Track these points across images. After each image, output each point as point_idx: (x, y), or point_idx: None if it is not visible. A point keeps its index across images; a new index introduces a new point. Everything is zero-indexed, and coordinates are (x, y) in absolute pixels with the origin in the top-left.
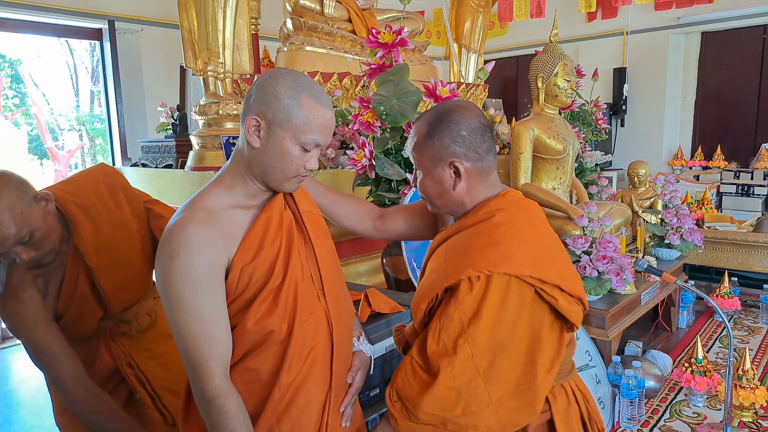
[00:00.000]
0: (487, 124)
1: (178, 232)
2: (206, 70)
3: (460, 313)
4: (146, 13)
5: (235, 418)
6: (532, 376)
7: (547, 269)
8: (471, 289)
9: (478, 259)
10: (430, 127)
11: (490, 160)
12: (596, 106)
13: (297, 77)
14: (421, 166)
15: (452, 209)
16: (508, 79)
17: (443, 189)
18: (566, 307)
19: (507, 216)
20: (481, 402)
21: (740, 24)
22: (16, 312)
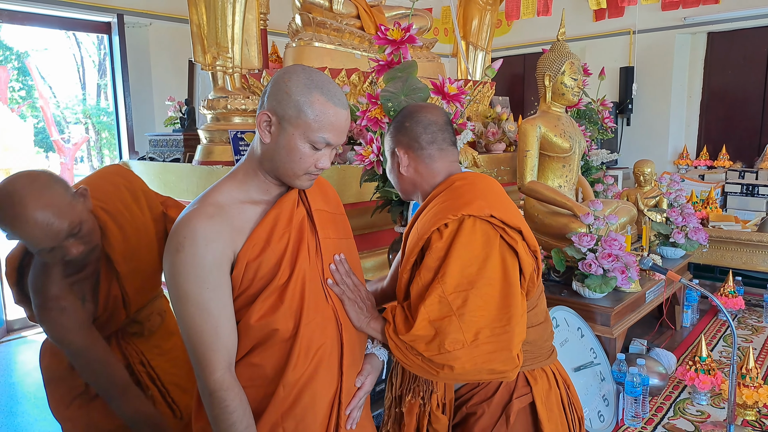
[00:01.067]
0: (434, 120)
1: (185, 226)
2: (215, 65)
3: (433, 260)
4: (155, 7)
5: (235, 413)
6: (507, 319)
7: (509, 214)
8: (441, 236)
9: (443, 211)
10: (391, 122)
11: (433, 150)
12: (603, 105)
13: (311, 74)
14: (384, 157)
15: (412, 192)
16: (515, 77)
17: (396, 174)
18: (523, 255)
19: (465, 181)
20: (456, 341)
21: (746, 24)
22: (60, 322)
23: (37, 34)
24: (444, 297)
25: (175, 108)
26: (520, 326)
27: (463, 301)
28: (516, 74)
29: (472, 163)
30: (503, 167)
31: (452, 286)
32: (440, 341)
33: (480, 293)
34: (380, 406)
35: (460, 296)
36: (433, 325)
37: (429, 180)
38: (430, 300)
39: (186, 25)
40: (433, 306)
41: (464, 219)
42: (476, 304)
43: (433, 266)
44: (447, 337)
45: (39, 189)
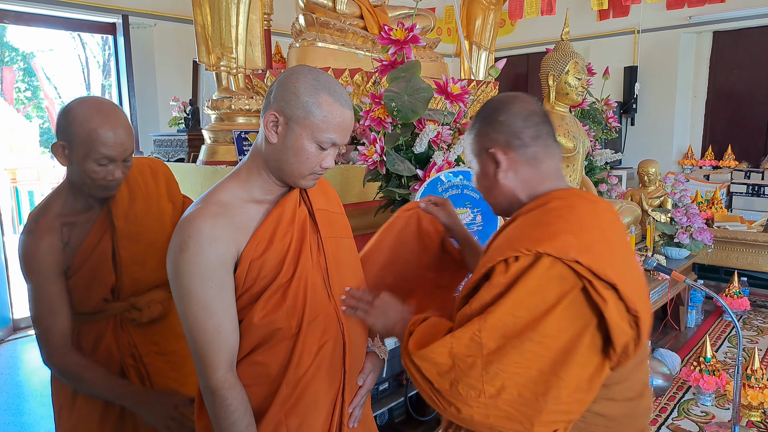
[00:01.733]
0: (534, 111)
1: (188, 225)
2: (219, 65)
3: (488, 294)
4: (160, 8)
5: (236, 412)
6: (544, 390)
7: (603, 260)
8: (506, 270)
9: (520, 239)
10: (474, 118)
11: (540, 147)
12: (607, 105)
13: (318, 75)
14: (468, 161)
15: (508, 207)
16: (519, 76)
17: (490, 183)
18: (615, 319)
19: (564, 202)
20: (472, 388)
21: (752, 24)
22: (33, 249)
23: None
24: (477, 335)
25: (179, 108)
26: (560, 405)
27: (497, 348)
28: (519, 74)
29: None
30: None
31: (492, 327)
32: (454, 378)
33: (523, 348)
34: (381, 405)
35: (496, 341)
36: (452, 358)
37: (534, 187)
38: (462, 332)
39: (190, 26)
40: (461, 339)
41: (541, 257)
42: (513, 358)
43: (485, 300)
44: (462, 380)
45: (111, 108)
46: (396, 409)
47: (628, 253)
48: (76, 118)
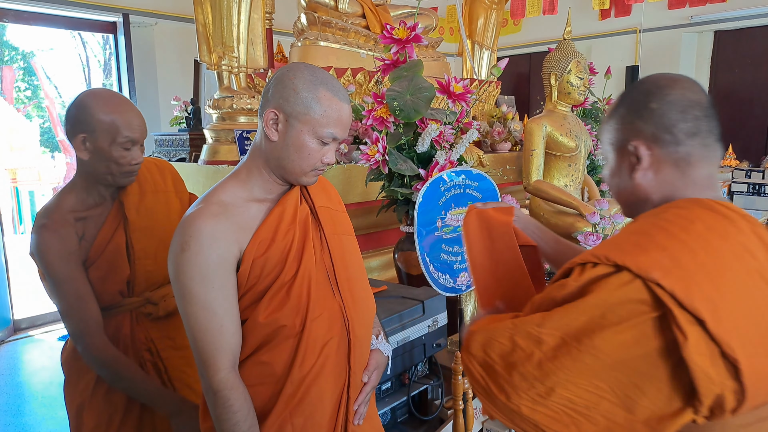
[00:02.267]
0: (698, 101)
1: (189, 225)
2: (220, 65)
3: (558, 292)
4: (161, 7)
5: (239, 412)
6: (596, 402)
7: (695, 289)
8: (580, 276)
9: (609, 245)
10: (618, 101)
11: (693, 147)
12: (609, 104)
13: (315, 71)
14: (603, 151)
15: (636, 209)
16: (521, 76)
17: (623, 181)
18: (699, 363)
19: (684, 213)
20: (524, 378)
21: (753, 23)
22: (51, 244)
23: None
24: (537, 330)
25: (180, 108)
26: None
27: (554, 348)
28: (522, 73)
29: (477, 162)
30: (509, 166)
31: (553, 327)
32: (512, 363)
33: (578, 357)
34: (384, 405)
35: (554, 340)
36: (512, 343)
37: (673, 193)
38: (524, 322)
39: (191, 25)
40: (522, 328)
41: (621, 271)
42: (566, 364)
43: (554, 297)
44: (517, 368)
45: (120, 95)
46: (399, 409)
47: (751, 286)
48: (96, 108)
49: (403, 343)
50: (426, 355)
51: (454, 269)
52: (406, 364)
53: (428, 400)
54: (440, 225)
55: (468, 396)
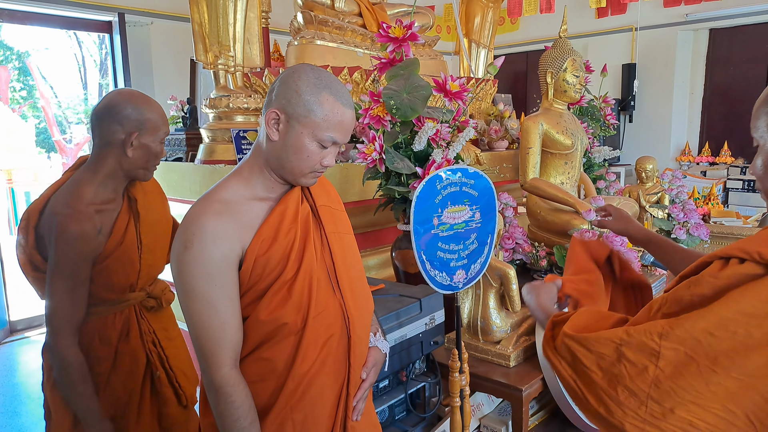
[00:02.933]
0: None
1: (193, 223)
2: (217, 64)
3: (691, 293)
4: (156, 6)
5: (241, 408)
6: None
7: None
8: (719, 271)
9: (759, 242)
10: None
11: None
12: (605, 102)
13: (320, 74)
14: (759, 136)
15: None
16: (518, 74)
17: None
18: None
19: None
20: (633, 395)
21: (748, 21)
22: (71, 230)
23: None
24: (656, 342)
25: (177, 107)
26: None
27: (678, 364)
28: (519, 72)
29: (474, 160)
30: (506, 164)
31: (679, 339)
32: (616, 376)
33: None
34: (382, 402)
35: (678, 356)
36: (619, 354)
37: None
38: (639, 331)
39: (187, 24)
40: (635, 338)
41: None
42: (694, 385)
43: (683, 298)
44: (624, 383)
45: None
46: (396, 406)
47: None
48: (145, 103)
49: (401, 341)
50: (423, 353)
51: (451, 267)
52: (404, 362)
53: (426, 397)
54: (437, 223)
55: (465, 393)
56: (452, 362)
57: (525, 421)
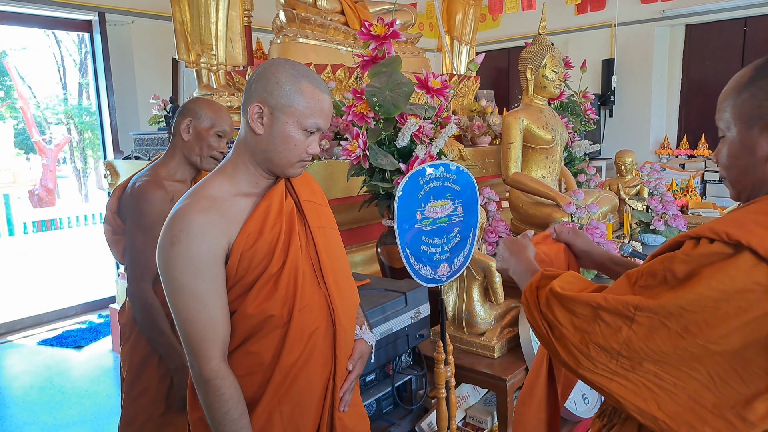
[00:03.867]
0: None
1: (179, 219)
2: (199, 62)
3: (663, 267)
4: (137, 5)
5: (230, 400)
6: (686, 382)
7: None
8: (694, 247)
9: (729, 221)
10: (756, 72)
11: None
12: (584, 97)
13: (295, 65)
14: (727, 126)
15: (754, 193)
16: (500, 70)
17: (753, 162)
18: None
19: None
20: (605, 351)
21: (722, 17)
22: (150, 193)
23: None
24: (631, 312)
25: (159, 106)
26: (699, 408)
27: (650, 330)
28: (501, 68)
29: (458, 156)
30: (488, 159)
31: (653, 311)
32: (588, 334)
33: (679, 344)
34: (369, 396)
35: (651, 322)
36: (596, 317)
37: None
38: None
39: (169, 23)
40: (612, 307)
41: (741, 251)
42: (663, 348)
43: (659, 274)
44: (597, 341)
45: None
46: (383, 399)
47: None
48: (205, 103)
49: (387, 335)
50: (409, 346)
51: (435, 260)
52: (390, 356)
53: (412, 390)
54: (420, 217)
55: (450, 384)
56: (437, 354)
57: (510, 410)
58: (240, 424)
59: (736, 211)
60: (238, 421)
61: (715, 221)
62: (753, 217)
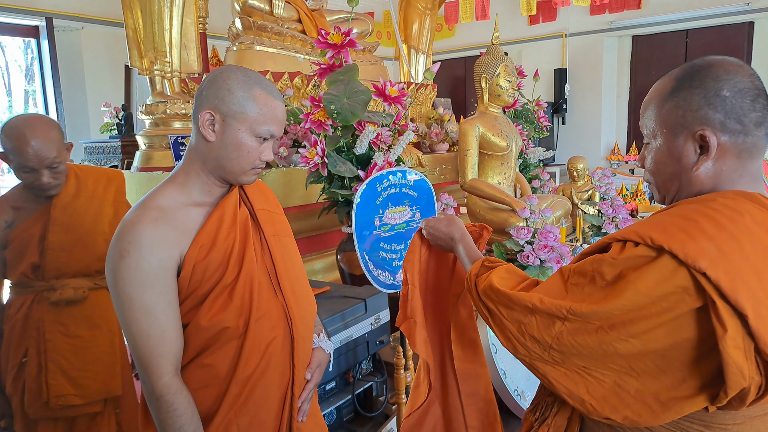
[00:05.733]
0: (763, 89)
1: (128, 231)
2: (153, 69)
3: (593, 268)
4: (87, 10)
5: (183, 416)
6: (611, 371)
7: (740, 282)
8: (620, 251)
9: (653, 226)
10: (677, 83)
11: (759, 138)
12: (538, 105)
13: (247, 72)
14: (653, 134)
15: (679, 196)
16: (457, 79)
17: (679, 168)
18: (734, 356)
19: (732, 204)
20: (537, 342)
21: (666, 29)
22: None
23: None
24: (563, 314)
25: (111, 114)
26: (623, 393)
27: (577, 328)
28: (458, 76)
29: (416, 163)
30: (445, 166)
31: (583, 315)
32: (524, 326)
33: (605, 339)
34: (329, 404)
35: (581, 323)
36: (532, 313)
37: (723, 184)
38: (550, 303)
39: (120, 29)
40: (545, 308)
41: (662, 255)
42: (590, 343)
43: (588, 274)
44: (532, 332)
45: (35, 124)
46: (344, 407)
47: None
48: (8, 134)
49: (347, 342)
50: (370, 353)
51: (393, 266)
52: (350, 363)
53: (373, 397)
54: (378, 224)
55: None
56: (397, 360)
57: None
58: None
59: (660, 214)
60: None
61: (640, 224)
62: (675, 221)
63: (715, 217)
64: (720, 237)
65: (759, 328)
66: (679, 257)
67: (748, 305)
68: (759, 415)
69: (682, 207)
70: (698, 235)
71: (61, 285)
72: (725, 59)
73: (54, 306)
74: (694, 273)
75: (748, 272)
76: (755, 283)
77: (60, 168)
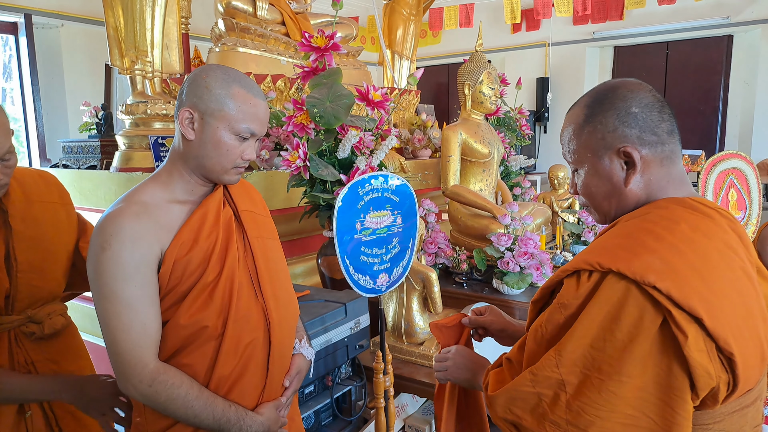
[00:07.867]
0: (664, 100)
1: (110, 224)
2: (134, 69)
3: (560, 314)
4: (67, 7)
5: (182, 386)
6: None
7: (688, 288)
8: (577, 287)
9: (598, 250)
10: (589, 109)
11: (674, 145)
12: (520, 113)
13: (227, 70)
14: (579, 161)
15: (618, 213)
16: (441, 85)
17: (611, 187)
18: (698, 359)
19: (666, 214)
20: (555, 425)
21: (647, 40)
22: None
23: None
24: (556, 371)
25: (90, 113)
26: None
27: (579, 383)
28: (441, 83)
29: (399, 168)
30: (428, 172)
31: (570, 361)
32: (541, 414)
33: (603, 387)
34: (308, 408)
35: (576, 376)
36: (537, 394)
37: (655, 193)
38: (540, 368)
39: (101, 27)
40: (541, 375)
41: (608, 277)
42: (593, 398)
43: (557, 321)
44: (547, 416)
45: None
46: (322, 411)
47: (736, 282)
48: None
49: (326, 346)
50: (349, 357)
51: (374, 270)
52: (329, 367)
53: (352, 401)
54: (360, 228)
55: (389, 394)
56: (377, 364)
57: None
58: (206, 394)
59: (603, 238)
60: (200, 398)
61: (585, 252)
62: (617, 242)
63: (653, 230)
64: (662, 249)
65: (715, 328)
66: (628, 276)
67: (701, 309)
68: (736, 410)
69: (622, 225)
70: (641, 251)
71: (45, 314)
72: (625, 80)
73: (39, 342)
74: (646, 288)
75: (694, 278)
76: (703, 287)
77: (11, 162)
